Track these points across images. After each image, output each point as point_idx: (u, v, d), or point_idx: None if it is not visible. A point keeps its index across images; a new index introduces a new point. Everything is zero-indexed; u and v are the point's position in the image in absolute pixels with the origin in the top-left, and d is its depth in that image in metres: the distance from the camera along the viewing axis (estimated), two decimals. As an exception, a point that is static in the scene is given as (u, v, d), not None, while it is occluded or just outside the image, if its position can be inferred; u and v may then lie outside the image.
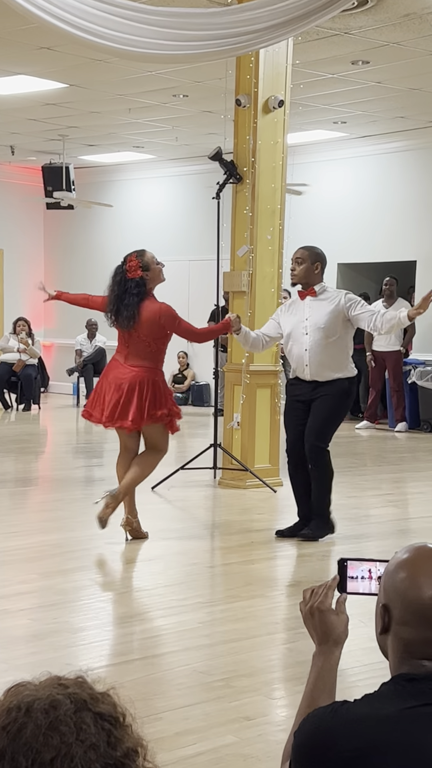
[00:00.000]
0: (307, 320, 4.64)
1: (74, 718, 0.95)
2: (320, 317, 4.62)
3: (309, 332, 4.63)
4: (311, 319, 4.64)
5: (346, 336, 4.67)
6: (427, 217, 9.82)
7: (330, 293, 4.72)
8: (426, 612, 1.29)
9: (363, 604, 1.64)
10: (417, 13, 6.17)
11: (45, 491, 6.26)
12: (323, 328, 4.60)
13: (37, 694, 0.97)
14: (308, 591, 1.55)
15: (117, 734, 0.97)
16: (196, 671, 2.98)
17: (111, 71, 7.58)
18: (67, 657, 3.07)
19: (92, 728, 0.96)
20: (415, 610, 1.29)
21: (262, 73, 5.98)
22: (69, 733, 0.94)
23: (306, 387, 4.67)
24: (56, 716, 0.95)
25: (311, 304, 4.67)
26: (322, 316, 4.62)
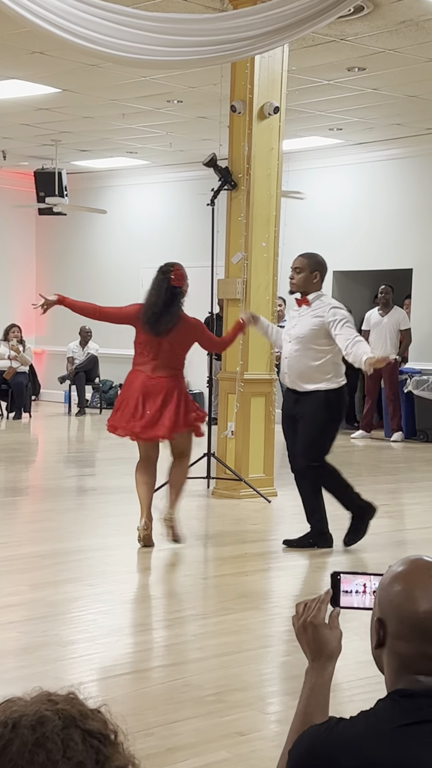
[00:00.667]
0: (293, 328, 4.66)
1: (62, 734, 0.93)
2: (303, 328, 4.62)
3: (291, 341, 4.63)
4: (296, 328, 4.65)
5: (334, 347, 4.61)
6: (423, 225, 9.82)
7: (321, 304, 4.67)
8: (421, 626, 1.26)
9: (358, 618, 1.59)
10: (413, 20, 6.15)
11: (35, 501, 6.18)
12: (303, 338, 4.60)
13: (25, 710, 0.95)
14: (301, 605, 1.52)
15: (106, 752, 0.95)
16: (188, 685, 2.92)
17: (105, 76, 7.55)
18: (56, 671, 3.00)
19: (80, 746, 0.93)
20: (411, 624, 1.27)
21: (257, 80, 5.95)
22: (56, 750, 0.92)
23: (289, 397, 4.68)
24: (43, 733, 0.93)
25: (301, 313, 4.66)
26: (305, 327, 4.62)
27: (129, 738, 0.98)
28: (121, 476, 7.04)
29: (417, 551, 3.14)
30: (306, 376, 4.59)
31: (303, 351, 4.59)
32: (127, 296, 12.23)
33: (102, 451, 9.01)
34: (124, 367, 14.37)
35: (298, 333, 4.62)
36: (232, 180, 6.02)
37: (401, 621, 1.27)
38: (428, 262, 9.78)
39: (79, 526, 5.24)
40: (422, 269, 9.85)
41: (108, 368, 11.86)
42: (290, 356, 4.62)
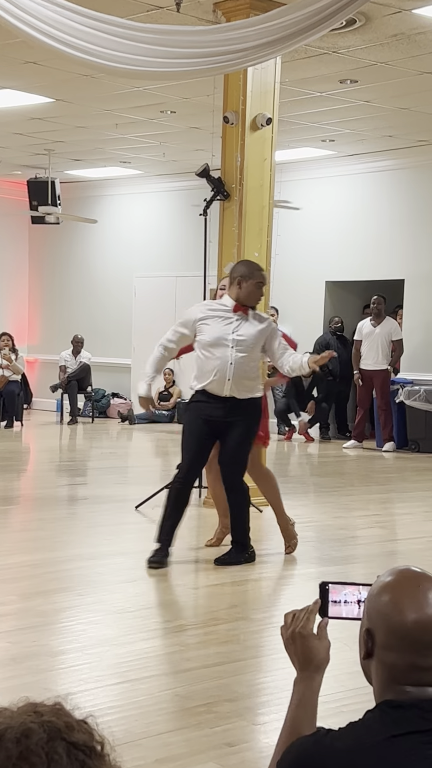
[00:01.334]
0: (233, 333, 4.49)
1: (46, 747, 0.92)
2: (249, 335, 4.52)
3: (234, 346, 4.49)
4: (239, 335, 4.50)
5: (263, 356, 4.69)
6: (415, 236, 9.86)
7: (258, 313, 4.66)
8: (409, 636, 1.26)
9: (347, 628, 1.59)
10: (405, 33, 6.20)
11: (26, 510, 6.16)
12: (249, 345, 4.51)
13: (10, 722, 0.94)
14: (289, 615, 1.52)
15: (91, 764, 0.94)
16: (178, 696, 2.91)
17: (98, 86, 7.58)
18: (45, 681, 2.99)
19: (64, 759, 0.92)
20: (399, 635, 1.26)
21: (250, 91, 5.98)
22: (40, 763, 0.91)
23: (222, 404, 4.47)
24: (27, 746, 0.92)
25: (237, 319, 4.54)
26: (251, 334, 4.52)
27: (116, 749, 0.97)
28: (112, 485, 7.03)
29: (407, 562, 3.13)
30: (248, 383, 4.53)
31: (250, 358, 4.50)
32: (120, 305, 12.28)
33: (94, 460, 8.99)
34: (116, 376, 14.37)
35: (243, 339, 4.48)
36: (225, 190, 6.05)
37: (389, 631, 1.27)
38: (420, 272, 9.83)
39: (69, 535, 5.23)
40: (414, 280, 9.89)
41: (100, 377, 11.85)
42: (236, 362, 4.46)
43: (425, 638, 1.26)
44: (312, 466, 8.96)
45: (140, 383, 4.64)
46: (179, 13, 5.70)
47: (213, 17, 5.88)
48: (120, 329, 12.03)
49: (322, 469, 8.70)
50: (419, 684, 1.27)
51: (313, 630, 1.50)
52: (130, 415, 11.39)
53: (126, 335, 11.98)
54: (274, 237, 6.37)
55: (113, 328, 12.08)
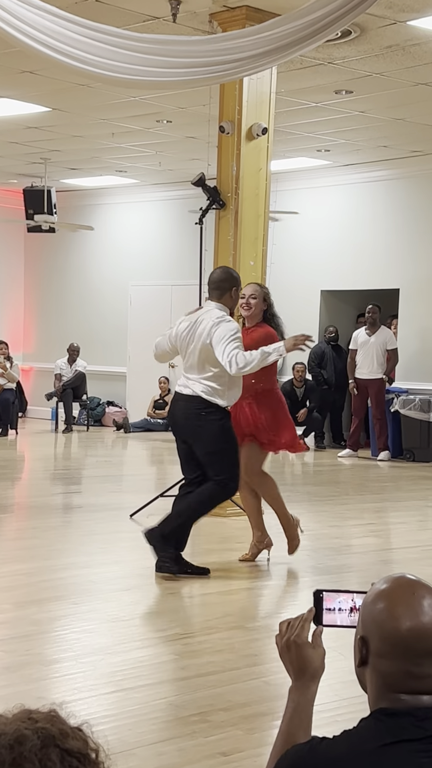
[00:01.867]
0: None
1: (39, 754, 0.92)
2: None
3: None
4: None
5: None
6: (410, 246, 9.90)
7: None
8: (403, 644, 1.26)
9: (342, 636, 1.59)
10: (400, 45, 6.25)
11: (21, 518, 6.14)
12: None
13: (4, 729, 0.95)
14: (284, 624, 1.51)
15: None
16: (172, 705, 2.90)
17: (94, 96, 7.60)
18: (39, 690, 2.98)
19: (58, 765, 0.93)
20: (393, 642, 1.26)
21: (245, 101, 6.01)
22: None
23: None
24: (20, 752, 0.92)
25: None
26: None
27: (111, 758, 0.97)
28: (107, 494, 7.02)
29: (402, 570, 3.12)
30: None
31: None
32: (116, 314, 12.28)
33: (89, 468, 8.98)
34: (111, 384, 14.35)
35: None
36: (221, 199, 6.07)
37: (384, 639, 1.27)
38: (415, 282, 9.86)
39: (64, 543, 5.21)
40: (409, 289, 9.92)
41: (95, 385, 11.84)
42: None
43: (419, 646, 1.26)
44: (307, 474, 8.96)
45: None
46: (175, 23, 5.73)
47: (209, 28, 5.91)
48: (115, 337, 12.03)
49: (317, 477, 8.69)
50: (414, 692, 1.26)
51: (308, 638, 1.50)
52: (125, 423, 11.38)
53: (121, 343, 11.98)
54: (270, 246, 6.39)
55: (109, 337, 12.08)
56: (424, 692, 1.26)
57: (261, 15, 5.60)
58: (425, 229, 9.79)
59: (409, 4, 5.51)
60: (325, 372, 10.41)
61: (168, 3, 5.59)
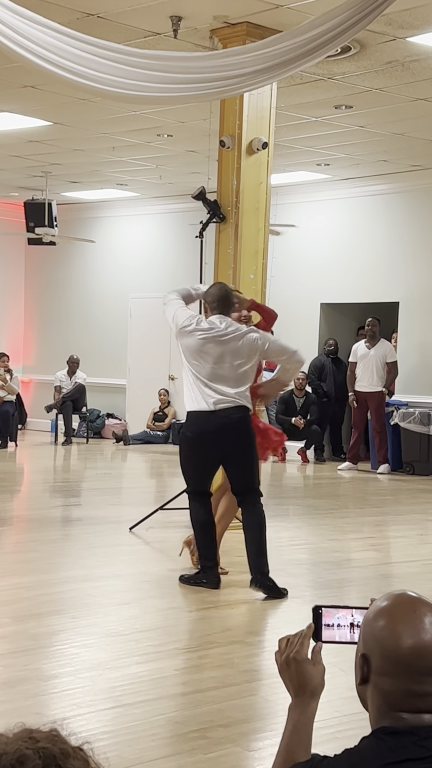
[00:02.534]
0: None
1: None
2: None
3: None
4: None
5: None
6: (409, 259, 9.93)
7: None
8: (405, 662, 1.25)
9: (342, 652, 1.58)
10: (399, 60, 6.29)
11: (20, 531, 6.13)
12: None
13: (5, 748, 0.94)
14: (283, 640, 1.50)
15: None
16: (171, 721, 2.88)
17: (95, 110, 7.64)
18: (37, 706, 2.96)
19: None
20: (394, 660, 1.25)
21: (246, 116, 6.04)
22: None
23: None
24: None
25: None
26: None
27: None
28: (107, 506, 7.00)
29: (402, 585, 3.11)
30: None
31: None
32: (116, 326, 12.29)
33: (88, 481, 8.96)
34: (111, 397, 14.33)
35: None
36: (221, 213, 6.09)
37: (385, 657, 1.26)
38: (414, 295, 9.88)
39: (63, 557, 5.20)
40: (408, 302, 9.94)
41: (95, 397, 11.84)
42: None
43: (421, 664, 1.25)
44: (307, 487, 8.95)
45: None
46: (176, 39, 5.77)
47: (210, 44, 5.95)
48: (115, 350, 12.04)
49: (316, 490, 8.68)
50: (415, 711, 1.25)
51: (308, 655, 1.49)
52: (125, 435, 11.36)
53: (121, 356, 11.99)
54: (270, 259, 6.41)
55: (108, 349, 12.09)
56: (426, 711, 1.26)
57: (261, 31, 5.64)
58: (425, 243, 9.82)
59: (409, 20, 5.56)
60: (325, 384, 10.41)
61: (169, 19, 5.63)
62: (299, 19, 5.30)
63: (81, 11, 5.58)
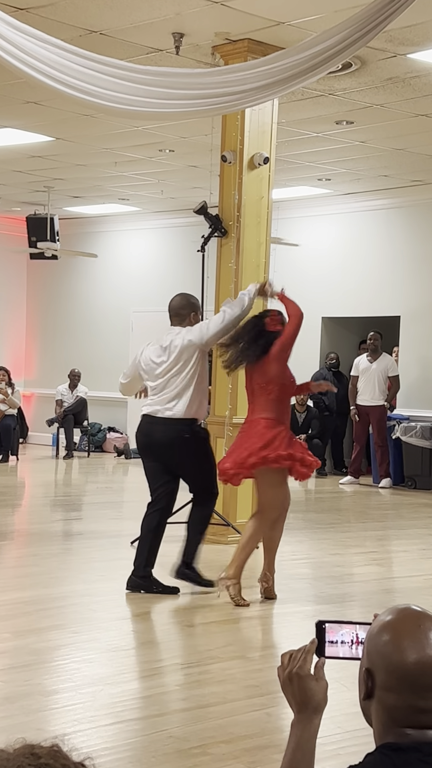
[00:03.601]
0: None
1: None
2: None
3: None
4: None
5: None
6: (411, 273, 9.96)
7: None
8: (410, 677, 1.24)
9: (345, 668, 1.57)
10: (400, 77, 6.33)
11: (21, 546, 6.11)
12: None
13: (7, 765, 0.94)
14: (286, 655, 1.49)
15: None
16: (173, 737, 2.86)
17: (97, 125, 7.69)
18: (38, 722, 2.94)
19: None
20: (399, 676, 1.24)
21: (247, 131, 6.07)
22: None
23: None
24: None
25: None
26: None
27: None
28: (108, 520, 6.99)
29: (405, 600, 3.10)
30: None
31: None
32: (117, 340, 12.31)
33: (89, 494, 8.94)
34: (112, 410, 14.31)
35: None
36: (223, 227, 6.11)
37: (390, 672, 1.25)
38: (416, 309, 9.90)
39: (64, 571, 5.18)
40: (410, 316, 9.95)
41: (97, 411, 11.84)
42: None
43: (426, 679, 1.24)
44: (308, 501, 8.92)
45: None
46: (178, 55, 5.81)
47: (212, 60, 6.00)
48: (117, 364, 12.03)
49: (318, 504, 8.66)
50: (420, 726, 1.24)
51: (311, 671, 1.48)
52: (126, 449, 11.36)
53: (123, 370, 11.97)
54: (271, 273, 6.42)
55: (110, 363, 12.10)
56: (430, 726, 1.25)
57: (263, 48, 5.68)
58: (426, 257, 9.85)
59: (409, 37, 5.60)
60: (327, 398, 10.41)
61: (171, 36, 5.67)
62: (300, 36, 5.34)
63: (84, 28, 5.63)
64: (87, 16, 5.44)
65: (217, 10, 5.31)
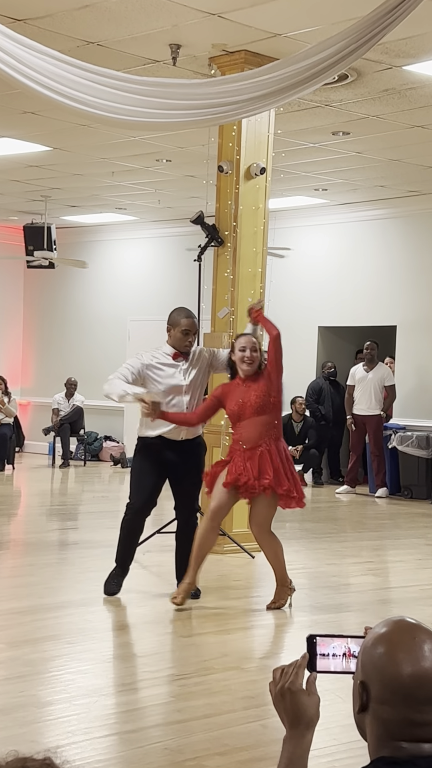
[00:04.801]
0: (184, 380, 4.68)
1: None
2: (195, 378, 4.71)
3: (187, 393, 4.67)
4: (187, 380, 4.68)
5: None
6: (407, 283, 9.98)
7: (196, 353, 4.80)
8: (405, 690, 1.23)
9: (340, 680, 1.57)
10: (396, 88, 6.36)
11: (16, 555, 6.09)
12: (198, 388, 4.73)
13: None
14: (278, 670, 1.48)
15: None
16: (167, 749, 2.85)
17: (94, 136, 7.71)
18: (32, 733, 2.93)
19: None
20: (394, 688, 1.24)
21: (244, 141, 6.09)
22: None
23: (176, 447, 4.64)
24: None
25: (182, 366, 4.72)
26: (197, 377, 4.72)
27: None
28: (104, 530, 6.96)
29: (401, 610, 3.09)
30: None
31: (200, 399, 4.71)
32: (114, 349, 12.31)
33: (85, 504, 8.92)
34: (108, 419, 14.29)
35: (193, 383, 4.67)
36: (219, 237, 6.12)
37: (384, 685, 1.24)
38: (412, 319, 9.92)
39: (60, 581, 5.16)
40: (406, 326, 9.97)
41: (93, 420, 11.83)
42: (190, 407, 4.64)
43: (421, 692, 1.24)
44: (304, 511, 8.89)
45: (121, 393, 4.62)
46: (175, 66, 5.83)
47: (208, 71, 6.02)
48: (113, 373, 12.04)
49: (314, 514, 8.65)
50: (415, 740, 1.24)
51: (303, 685, 1.47)
52: (123, 458, 11.34)
53: (119, 379, 11.97)
54: (268, 283, 6.44)
55: (107, 372, 11.95)
56: (425, 740, 1.24)
57: (260, 59, 5.71)
58: (422, 268, 9.88)
59: (405, 49, 5.63)
60: (323, 408, 10.41)
61: (168, 47, 5.70)
62: (297, 47, 5.36)
63: (81, 39, 5.65)
64: (84, 27, 5.47)
65: (214, 22, 5.34)
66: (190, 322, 4.70)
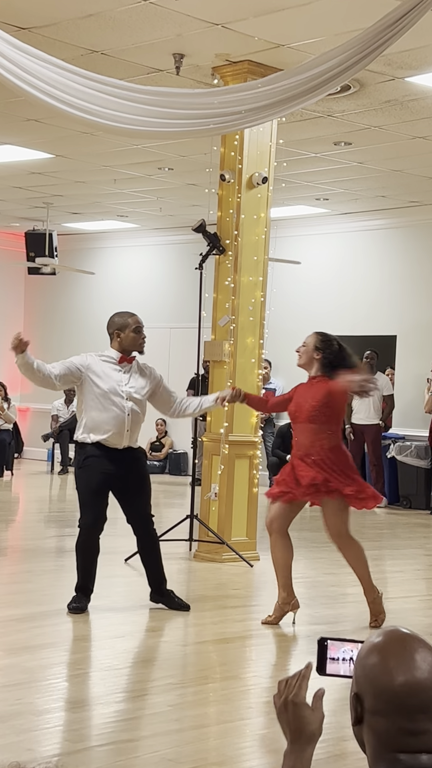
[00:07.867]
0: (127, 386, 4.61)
1: None
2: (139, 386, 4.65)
3: (129, 399, 4.58)
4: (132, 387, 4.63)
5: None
6: (407, 293, 10.00)
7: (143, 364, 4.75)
8: (397, 699, 1.22)
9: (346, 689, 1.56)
10: (398, 99, 6.39)
11: (14, 562, 6.08)
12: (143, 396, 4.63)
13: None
14: (282, 682, 1.47)
15: None
16: (165, 759, 2.84)
17: (97, 143, 7.73)
18: (29, 742, 2.92)
19: None
20: (387, 698, 1.23)
21: (246, 151, 6.12)
22: None
23: (117, 456, 4.54)
24: None
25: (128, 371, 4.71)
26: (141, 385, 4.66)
27: None
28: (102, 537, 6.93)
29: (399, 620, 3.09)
30: (138, 433, 4.65)
31: (141, 408, 4.60)
32: (114, 356, 12.31)
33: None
34: (108, 427, 13.98)
35: (135, 389, 4.59)
36: (221, 245, 6.14)
37: (377, 695, 1.24)
38: (412, 329, 9.93)
39: (58, 588, 5.15)
40: (406, 336, 9.98)
41: (92, 427, 11.81)
42: (132, 413, 4.55)
43: (413, 701, 1.23)
44: (303, 520, 8.88)
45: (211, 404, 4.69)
46: (179, 76, 5.86)
47: (211, 81, 6.05)
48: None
49: (313, 523, 8.62)
50: (411, 751, 1.23)
51: (307, 698, 1.46)
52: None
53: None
54: (269, 291, 6.45)
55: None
56: (422, 751, 1.23)
57: (263, 69, 5.74)
58: (422, 278, 9.90)
59: (407, 61, 5.66)
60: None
61: (171, 57, 5.73)
62: (300, 58, 5.39)
63: (85, 48, 5.68)
64: (88, 36, 5.50)
65: (217, 32, 5.36)
66: (138, 319, 4.70)
